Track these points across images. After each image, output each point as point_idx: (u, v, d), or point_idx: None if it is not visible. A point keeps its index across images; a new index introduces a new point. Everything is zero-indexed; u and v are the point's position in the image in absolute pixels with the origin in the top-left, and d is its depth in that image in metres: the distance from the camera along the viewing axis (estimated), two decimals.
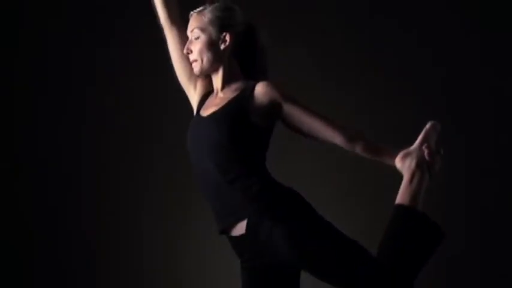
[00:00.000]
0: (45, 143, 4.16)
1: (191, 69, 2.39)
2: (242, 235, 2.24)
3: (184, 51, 2.35)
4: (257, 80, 2.29)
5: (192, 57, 2.34)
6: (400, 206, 2.19)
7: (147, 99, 4.09)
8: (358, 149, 2.22)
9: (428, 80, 3.97)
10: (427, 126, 2.23)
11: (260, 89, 2.25)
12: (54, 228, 4.12)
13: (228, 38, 2.32)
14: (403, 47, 4.00)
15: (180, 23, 2.44)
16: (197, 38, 2.33)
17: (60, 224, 4.12)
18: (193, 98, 2.45)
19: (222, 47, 2.32)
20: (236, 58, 2.35)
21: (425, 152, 2.18)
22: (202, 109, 2.38)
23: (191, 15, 2.37)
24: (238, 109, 2.24)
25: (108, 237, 4.12)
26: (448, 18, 4.00)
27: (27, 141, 4.17)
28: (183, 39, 2.40)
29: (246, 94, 2.26)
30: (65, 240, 4.11)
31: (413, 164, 2.19)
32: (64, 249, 4.11)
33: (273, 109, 2.24)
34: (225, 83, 2.34)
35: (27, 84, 4.15)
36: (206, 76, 2.41)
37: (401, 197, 2.20)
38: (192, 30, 2.34)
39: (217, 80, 2.36)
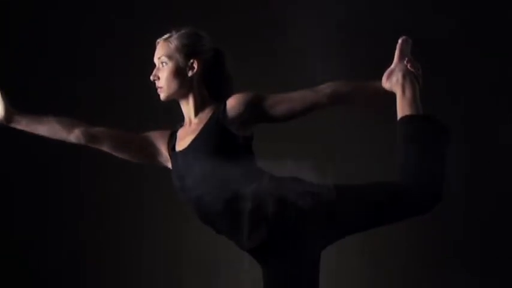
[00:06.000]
0: (45, 142, 4.15)
1: (138, 144, 2.47)
2: (266, 239, 2.24)
3: (152, 78, 2.35)
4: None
5: (158, 84, 2.35)
6: (402, 117, 2.22)
7: (147, 98, 4.07)
8: (344, 92, 2.25)
9: (428, 80, 3.96)
10: (400, 41, 2.29)
11: (233, 102, 2.26)
12: (53, 229, 4.12)
13: (195, 65, 2.32)
14: None
15: (94, 130, 2.51)
16: (164, 65, 2.33)
17: (60, 224, 4.12)
18: (160, 153, 2.47)
19: (190, 74, 2.32)
20: (204, 84, 2.35)
21: (407, 64, 2.24)
22: (177, 145, 2.39)
23: (158, 42, 2.36)
24: (217, 126, 2.25)
25: (108, 237, 4.12)
26: (447, 18, 4.00)
27: (27, 140, 4.16)
28: (108, 135, 2.47)
29: (220, 112, 2.26)
30: (65, 240, 4.12)
31: (399, 77, 2.25)
32: (63, 250, 4.12)
33: (253, 113, 2.24)
34: (198, 109, 2.35)
35: (27, 84, 4.15)
36: (153, 134, 2.48)
37: (400, 110, 2.24)
38: (159, 58, 2.34)
39: (188, 108, 2.37)
